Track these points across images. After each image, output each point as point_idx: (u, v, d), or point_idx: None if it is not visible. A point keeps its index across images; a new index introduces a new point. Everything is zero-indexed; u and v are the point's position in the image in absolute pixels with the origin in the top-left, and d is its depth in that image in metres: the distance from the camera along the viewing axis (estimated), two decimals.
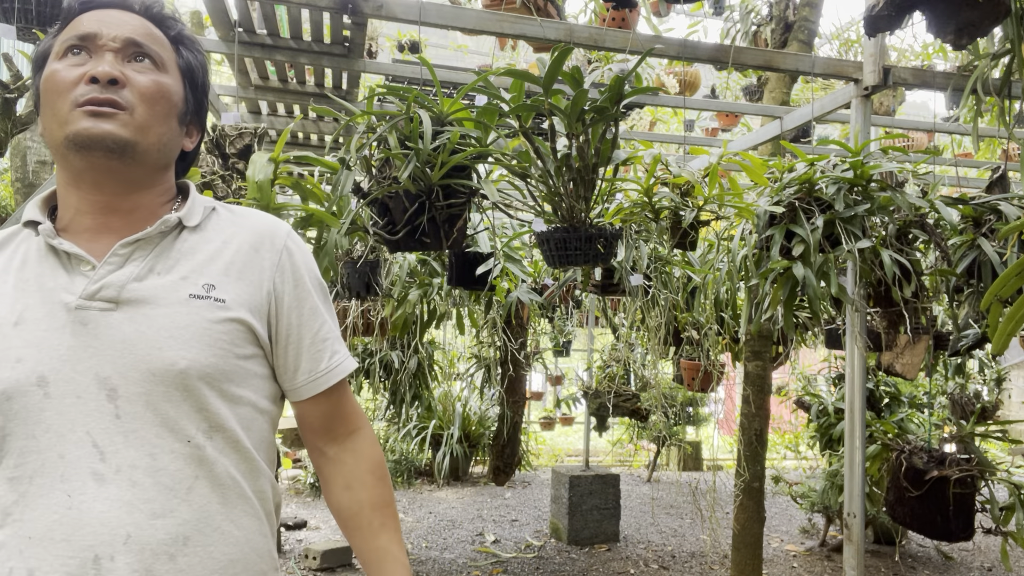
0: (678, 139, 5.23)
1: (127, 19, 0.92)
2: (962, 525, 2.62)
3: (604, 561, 5.00)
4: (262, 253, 0.97)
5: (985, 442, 4.05)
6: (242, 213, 1.02)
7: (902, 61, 5.41)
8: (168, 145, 0.95)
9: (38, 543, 0.82)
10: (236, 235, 0.97)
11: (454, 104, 1.89)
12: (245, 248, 0.96)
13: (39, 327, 0.86)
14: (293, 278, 0.99)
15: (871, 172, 2.25)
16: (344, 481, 1.04)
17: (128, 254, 0.90)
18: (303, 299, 0.99)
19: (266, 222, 1.02)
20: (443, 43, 6.93)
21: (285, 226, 1.03)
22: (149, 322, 0.87)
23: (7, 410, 0.84)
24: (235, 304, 0.92)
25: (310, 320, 1.00)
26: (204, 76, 1.02)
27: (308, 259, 1.03)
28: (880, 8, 2.02)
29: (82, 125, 0.85)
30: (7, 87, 1.93)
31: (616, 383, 5.79)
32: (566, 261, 2.06)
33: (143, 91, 0.89)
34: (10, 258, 0.93)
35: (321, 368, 1.00)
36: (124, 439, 0.85)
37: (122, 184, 0.92)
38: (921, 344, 2.75)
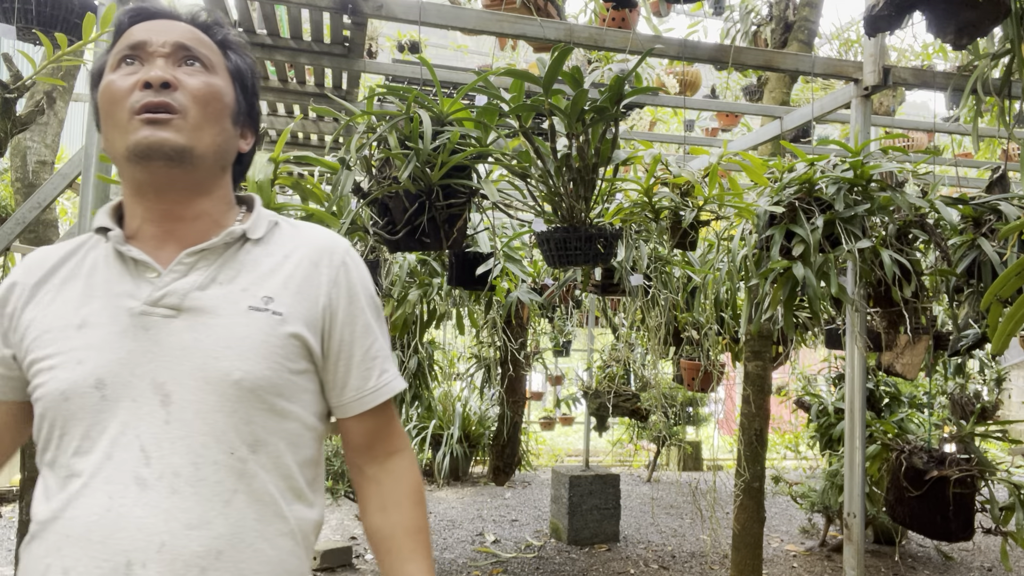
0: (678, 139, 5.23)
1: (175, 26, 0.94)
2: (962, 525, 2.62)
3: (604, 561, 5.00)
4: (320, 268, 0.98)
5: (985, 442, 4.05)
6: (304, 228, 1.03)
7: (902, 61, 5.41)
8: (223, 146, 0.96)
9: (75, 542, 0.83)
10: (297, 249, 0.98)
11: (454, 104, 1.89)
12: (305, 263, 0.97)
13: (101, 330, 0.88)
14: (348, 294, 0.99)
15: (871, 172, 2.25)
16: (380, 502, 1.04)
17: (193, 263, 0.92)
18: (356, 316, 0.99)
19: (326, 237, 1.02)
20: (443, 43, 6.93)
21: (344, 242, 1.04)
22: (208, 331, 0.89)
23: (65, 410, 0.86)
24: (292, 318, 0.93)
25: (362, 337, 1.00)
26: (254, 79, 1.03)
27: (364, 276, 1.03)
28: (880, 8, 2.02)
29: (141, 135, 0.87)
30: (7, 87, 1.93)
31: (616, 383, 5.79)
32: (566, 261, 2.06)
33: (195, 92, 0.91)
34: (80, 263, 0.95)
35: (369, 386, 1.01)
36: (171, 446, 0.85)
37: (183, 191, 0.93)
38: (921, 344, 2.75)
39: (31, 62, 1.81)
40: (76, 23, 2.04)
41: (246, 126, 1.02)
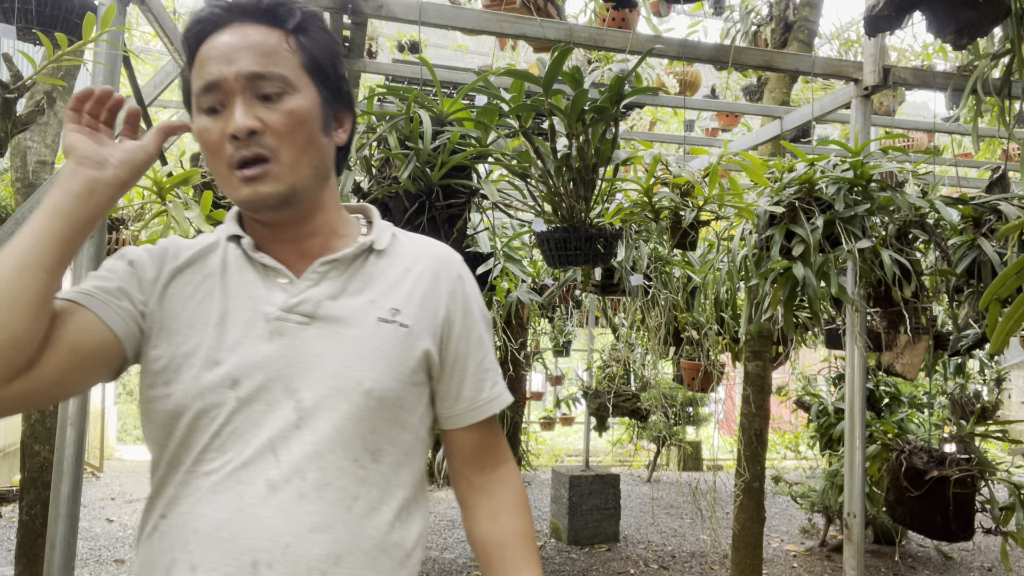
0: (678, 139, 5.23)
1: (243, 42, 0.89)
2: (962, 525, 2.62)
3: (604, 561, 4.99)
4: (440, 280, 1.00)
5: (985, 442, 4.04)
6: (419, 240, 1.05)
7: (902, 61, 5.41)
8: (321, 164, 0.95)
9: (204, 539, 0.84)
10: (418, 262, 1.00)
11: (454, 104, 1.89)
12: (426, 275, 0.99)
13: (238, 332, 0.90)
14: (464, 307, 1.01)
15: (871, 172, 2.25)
16: (490, 511, 1.04)
17: (324, 272, 0.94)
18: (471, 328, 1.01)
19: (442, 250, 1.05)
20: (443, 43, 6.93)
21: (458, 256, 1.06)
22: (341, 340, 0.91)
23: (198, 407, 0.87)
24: (418, 330, 0.95)
25: (476, 349, 1.01)
26: (332, 58, 0.98)
27: (476, 289, 1.05)
28: (880, 8, 2.02)
29: (244, 194, 0.89)
30: (7, 87, 1.93)
31: (616, 383, 5.79)
32: (566, 261, 2.06)
33: (280, 131, 0.89)
34: (213, 264, 0.97)
35: (483, 397, 1.02)
36: (300, 450, 0.86)
37: (297, 219, 0.95)
38: (921, 344, 2.75)
39: (31, 62, 1.81)
40: (76, 23, 2.04)
41: (339, 114, 1.00)
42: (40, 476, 3.18)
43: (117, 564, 4.61)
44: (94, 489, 6.60)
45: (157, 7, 2.37)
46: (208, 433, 0.87)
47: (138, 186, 2.16)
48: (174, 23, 2.71)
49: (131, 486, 6.80)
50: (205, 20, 0.92)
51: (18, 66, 2.01)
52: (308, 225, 0.96)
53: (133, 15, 4.80)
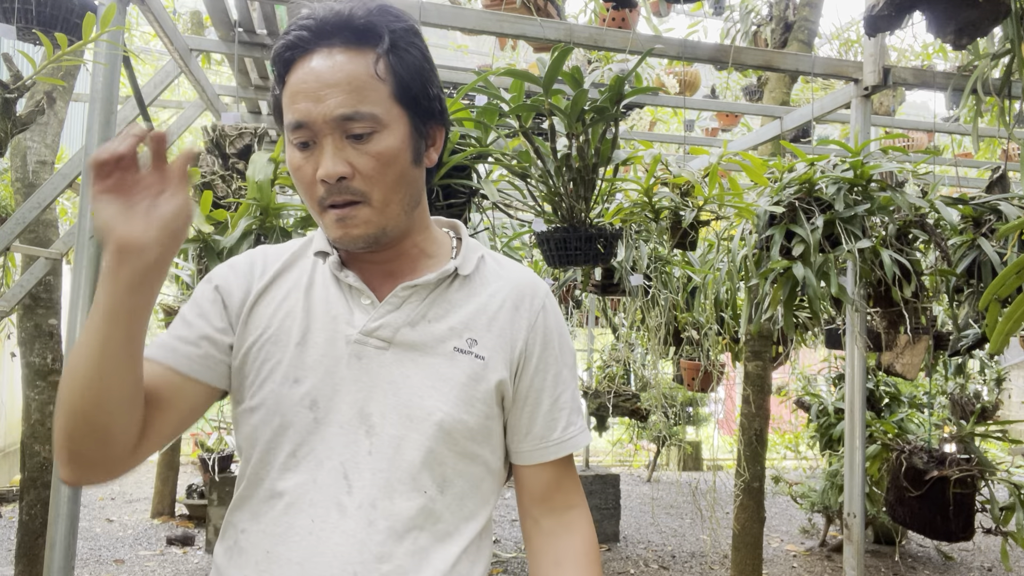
0: (678, 139, 5.23)
1: (332, 75, 0.84)
2: (962, 525, 2.62)
3: (604, 561, 5.00)
4: (521, 311, 0.97)
5: (985, 442, 4.05)
6: (507, 266, 1.02)
7: (902, 61, 5.41)
8: (412, 197, 0.92)
9: (275, 560, 0.85)
10: (501, 290, 0.97)
11: (454, 104, 1.89)
12: (508, 305, 0.96)
13: (318, 351, 0.90)
14: (544, 340, 0.97)
15: (871, 172, 2.25)
16: (555, 557, 0.98)
17: (406, 297, 0.92)
18: (550, 364, 0.98)
19: (528, 279, 1.01)
20: (443, 43, 6.93)
21: (544, 285, 1.02)
22: (416, 368, 0.90)
23: (277, 423, 0.88)
24: (493, 362, 0.93)
25: (552, 386, 0.97)
26: (424, 79, 0.91)
27: (560, 322, 1.01)
28: (880, 8, 2.02)
29: (336, 235, 0.88)
30: (7, 87, 1.93)
31: (616, 383, 5.78)
32: (566, 261, 2.06)
33: (371, 175, 0.86)
34: (299, 277, 0.96)
35: (553, 437, 0.98)
36: (371, 476, 0.86)
37: (387, 249, 0.94)
38: (921, 344, 2.75)
39: (31, 62, 1.81)
40: (76, 23, 2.04)
41: (431, 132, 0.95)
42: (40, 476, 3.18)
43: (117, 564, 4.61)
44: (94, 489, 6.61)
45: (157, 7, 2.37)
46: (285, 451, 0.88)
47: None
48: (174, 23, 2.71)
49: (131, 486, 6.80)
50: (294, 46, 0.87)
51: (18, 66, 2.01)
52: (396, 249, 0.95)
53: (133, 15, 4.80)
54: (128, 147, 0.75)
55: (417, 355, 0.90)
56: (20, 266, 4.48)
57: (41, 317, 3.35)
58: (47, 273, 3.33)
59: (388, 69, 0.87)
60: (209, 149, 2.19)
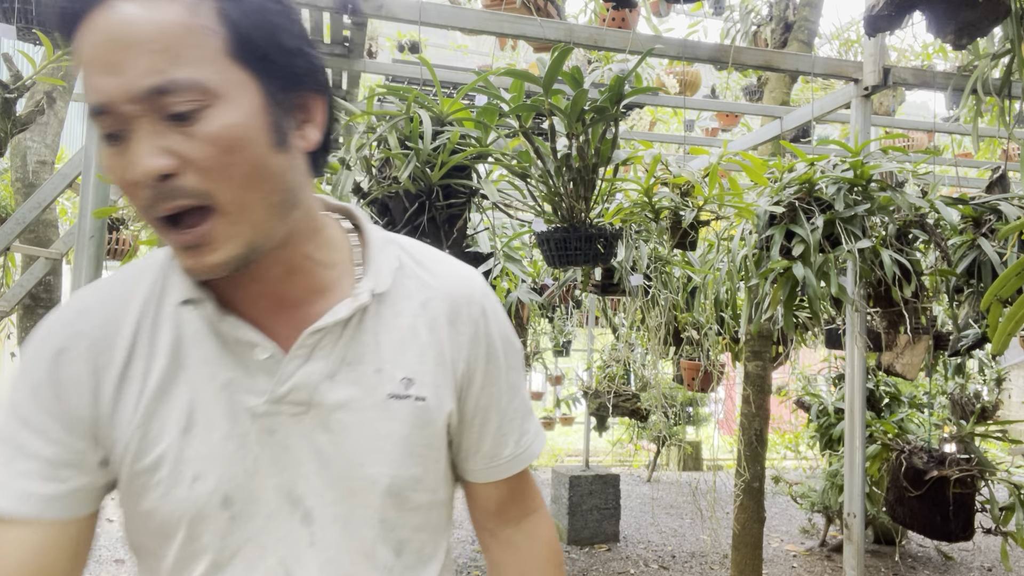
0: (678, 139, 5.23)
1: (131, 32, 0.59)
2: (962, 525, 2.62)
3: (604, 561, 4.99)
4: (459, 326, 0.80)
5: (985, 442, 4.04)
6: (429, 265, 0.82)
7: (902, 61, 5.41)
8: (283, 193, 0.68)
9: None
10: (429, 304, 0.79)
11: (454, 104, 1.89)
12: (442, 321, 0.79)
13: (216, 434, 0.70)
14: (487, 352, 0.82)
15: (871, 172, 2.25)
16: (519, 568, 0.89)
17: (316, 342, 0.72)
18: (497, 376, 0.83)
19: (461, 283, 0.82)
20: (443, 43, 6.93)
21: (479, 283, 0.84)
22: (347, 432, 0.73)
23: (186, 536, 0.70)
24: (437, 398, 0.77)
25: (499, 399, 0.83)
26: (276, 25, 0.65)
27: (502, 323, 0.85)
28: (880, 8, 2.02)
29: (186, 265, 0.65)
30: (7, 87, 1.93)
31: (616, 383, 5.79)
32: (566, 261, 2.06)
33: (207, 167, 0.61)
34: (157, 336, 0.71)
35: (505, 454, 0.85)
36: (319, 569, 0.72)
37: (266, 266, 0.71)
38: (921, 344, 2.75)
39: (31, 62, 1.81)
40: None
41: (302, 103, 0.70)
42: None
43: (117, 564, 4.61)
44: None
45: None
46: (203, 564, 0.70)
47: None
48: None
49: None
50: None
51: (18, 66, 2.01)
52: (281, 264, 0.72)
53: None
54: None
55: (344, 414, 0.72)
56: (20, 266, 4.48)
57: (41, 317, 3.35)
58: (47, 273, 3.33)
59: (218, 15, 0.61)
60: None
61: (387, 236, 0.82)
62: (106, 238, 2.61)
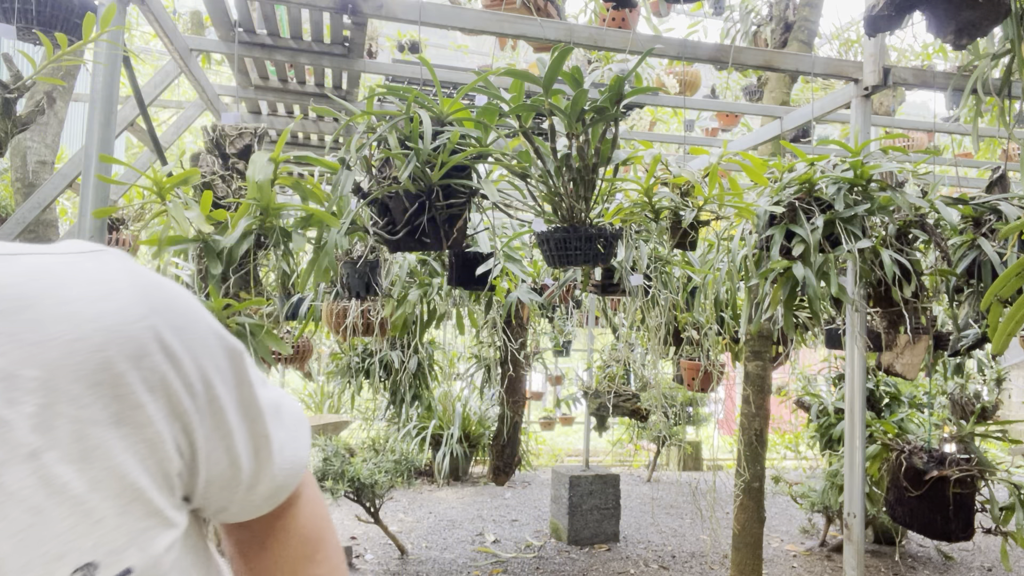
0: (678, 139, 5.23)
1: None
2: (962, 525, 2.62)
3: (604, 561, 4.99)
4: (126, 412, 0.46)
5: (985, 442, 4.04)
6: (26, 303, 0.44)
7: (902, 61, 5.41)
8: None
9: None
10: (49, 411, 0.42)
11: (454, 104, 1.89)
12: (91, 431, 0.44)
13: None
14: (199, 406, 0.53)
15: (871, 172, 2.25)
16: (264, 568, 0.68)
17: None
18: (219, 420, 0.55)
19: (87, 330, 0.44)
20: (443, 43, 6.93)
21: (131, 297, 0.48)
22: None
23: None
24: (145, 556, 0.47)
25: (232, 441, 0.57)
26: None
27: (201, 344, 0.53)
28: (880, 8, 2.02)
29: None
30: (7, 87, 1.93)
31: (616, 383, 5.78)
32: (566, 261, 2.06)
33: None
34: None
35: (257, 497, 0.63)
36: None
37: None
38: (921, 344, 2.75)
39: (31, 62, 1.81)
40: (76, 23, 2.04)
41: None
42: None
43: None
44: None
45: (157, 7, 2.37)
46: None
47: (138, 186, 2.16)
48: (174, 23, 2.71)
49: None
50: None
51: (18, 66, 2.01)
52: None
53: (133, 15, 4.80)
54: None
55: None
56: None
57: None
58: None
59: None
60: (209, 149, 2.19)
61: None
62: (106, 238, 2.61)
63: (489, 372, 4.20)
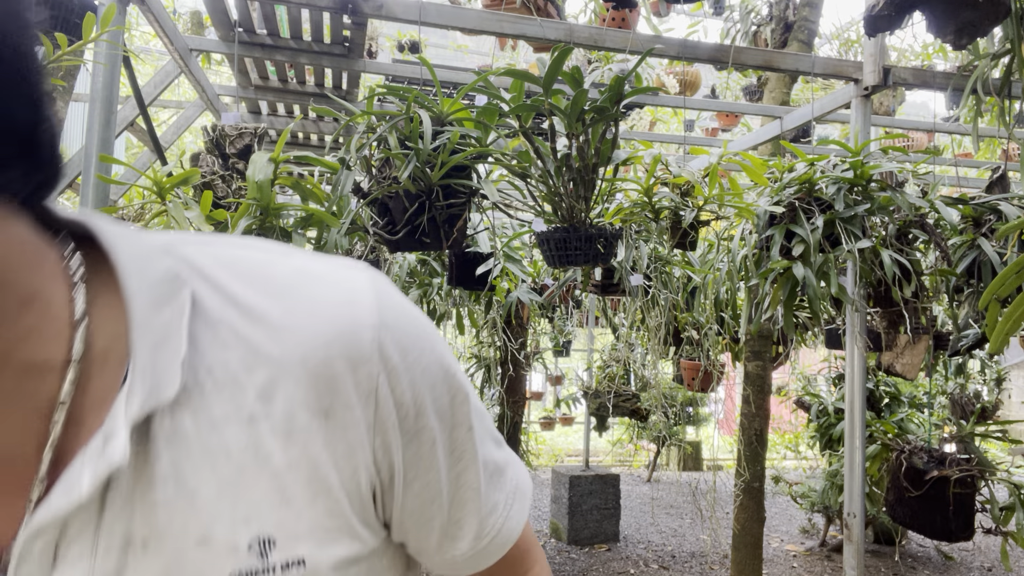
0: (678, 139, 5.23)
1: None
2: (962, 525, 2.62)
3: (604, 561, 4.99)
4: (340, 413, 0.47)
5: (985, 442, 4.05)
6: (265, 307, 0.47)
7: (902, 61, 5.41)
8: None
9: None
10: (273, 387, 0.45)
11: (454, 104, 1.89)
12: (303, 418, 0.46)
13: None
14: (406, 427, 0.51)
15: (871, 172, 2.25)
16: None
17: (53, 538, 0.40)
18: (431, 456, 0.53)
19: (329, 326, 0.47)
20: (443, 43, 6.93)
21: (366, 305, 0.49)
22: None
23: None
24: (324, 553, 0.46)
25: (440, 486, 0.54)
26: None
27: (426, 358, 0.52)
28: (880, 8, 2.03)
29: None
30: None
31: (616, 383, 5.79)
32: (566, 261, 2.06)
33: None
34: None
35: (459, 552, 0.58)
36: None
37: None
38: (921, 344, 2.75)
39: None
40: (76, 23, 2.04)
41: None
42: None
43: None
44: None
45: (157, 7, 2.37)
46: None
47: (138, 186, 2.17)
48: (174, 23, 2.71)
49: None
50: None
51: None
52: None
53: (133, 15, 4.80)
54: None
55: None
56: None
57: None
58: None
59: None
60: (209, 149, 2.19)
61: (166, 269, 0.45)
62: None
63: (489, 372, 4.20)
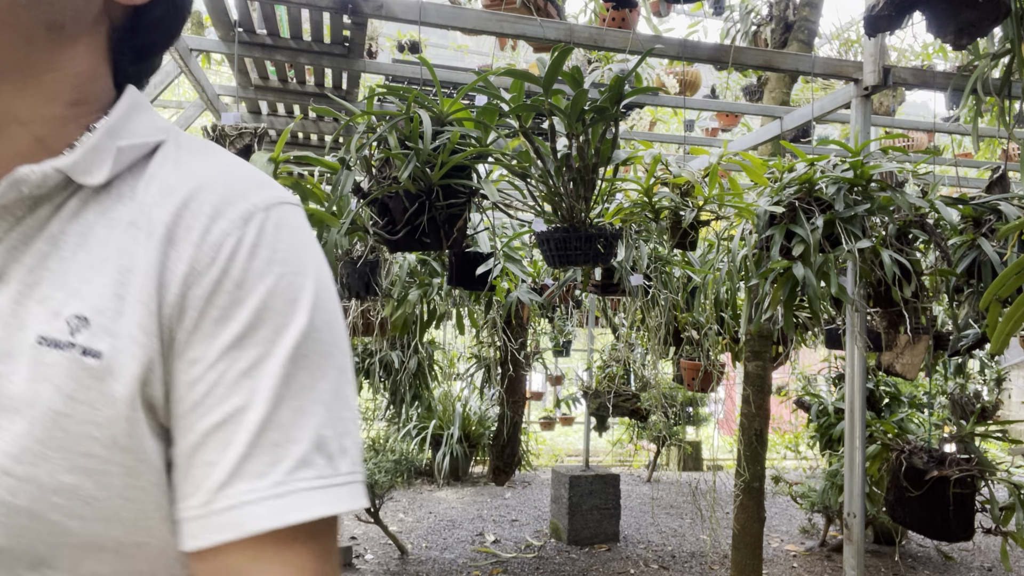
0: (678, 139, 5.23)
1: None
2: (962, 525, 2.62)
3: (604, 561, 4.99)
4: (182, 238, 0.48)
5: (985, 442, 4.04)
6: (194, 160, 0.52)
7: (902, 61, 5.41)
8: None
9: None
10: (160, 206, 0.48)
11: (454, 104, 1.89)
12: (160, 233, 0.48)
13: None
14: (227, 287, 0.47)
15: (871, 172, 2.25)
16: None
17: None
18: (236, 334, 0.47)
19: (222, 179, 0.50)
20: (443, 43, 6.93)
21: (267, 193, 0.50)
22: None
23: None
24: (124, 357, 0.45)
25: (227, 388, 0.47)
26: None
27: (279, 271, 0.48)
28: (880, 8, 2.03)
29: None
30: None
31: (616, 383, 5.78)
32: (566, 261, 2.06)
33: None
34: None
35: (193, 501, 0.47)
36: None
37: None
38: (921, 344, 2.75)
39: None
40: None
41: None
42: None
43: None
44: None
45: None
46: None
47: None
48: None
49: None
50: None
51: None
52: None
53: None
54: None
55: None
56: None
57: None
58: None
59: None
60: None
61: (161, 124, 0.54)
62: None
63: (489, 372, 4.20)
